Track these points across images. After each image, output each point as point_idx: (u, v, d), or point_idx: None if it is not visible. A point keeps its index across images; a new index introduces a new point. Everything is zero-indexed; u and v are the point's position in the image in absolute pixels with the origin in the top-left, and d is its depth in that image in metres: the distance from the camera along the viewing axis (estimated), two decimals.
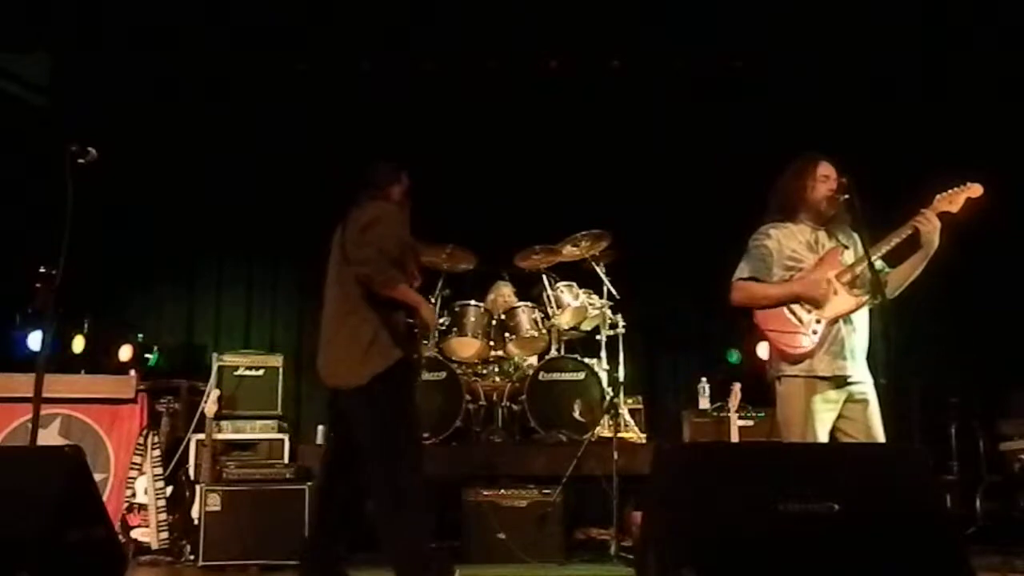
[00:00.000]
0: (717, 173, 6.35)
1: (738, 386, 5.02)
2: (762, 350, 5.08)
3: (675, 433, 5.88)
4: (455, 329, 5.67)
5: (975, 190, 3.29)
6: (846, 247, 3.43)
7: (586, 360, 5.67)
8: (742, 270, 3.45)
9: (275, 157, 6.58)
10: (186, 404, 5.50)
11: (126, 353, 5.77)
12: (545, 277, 5.92)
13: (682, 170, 6.61)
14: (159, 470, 5.01)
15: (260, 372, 5.70)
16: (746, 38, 6.36)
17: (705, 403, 5.81)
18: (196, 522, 4.72)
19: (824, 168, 3.43)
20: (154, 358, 6.02)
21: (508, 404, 5.67)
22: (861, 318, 3.36)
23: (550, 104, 6.72)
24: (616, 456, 4.80)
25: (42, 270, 5.02)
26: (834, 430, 3.29)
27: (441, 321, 5.63)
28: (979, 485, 5.39)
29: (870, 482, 2.48)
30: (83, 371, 5.47)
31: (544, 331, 5.77)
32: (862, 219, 3.28)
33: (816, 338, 3.26)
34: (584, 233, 5.81)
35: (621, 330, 5.88)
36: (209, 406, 5.04)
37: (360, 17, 6.19)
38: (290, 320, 6.84)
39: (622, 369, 5.78)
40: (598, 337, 5.93)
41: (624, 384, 5.74)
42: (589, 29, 6.32)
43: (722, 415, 5.23)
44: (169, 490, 5.01)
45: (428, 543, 3.63)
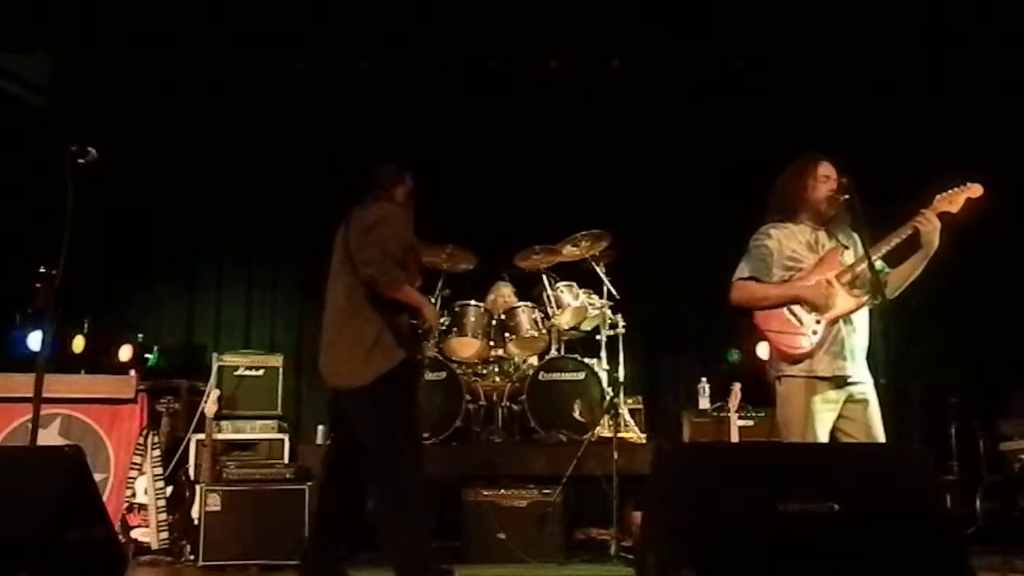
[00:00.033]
0: (717, 173, 6.35)
1: (738, 386, 5.02)
2: (762, 350, 5.09)
3: (675, 433, 5.88)
4: (455, 329, 5.67)
5: (975, 190, 3.29)
6: (846, 247, 3.43)
7: (586, 360, 5.67)
8: (742, 270, 3.45)
9: (275, 157, 6.58)
10: (186, 404, 5.50)
11: (126, 353, 5.77)
12: (545, 277, 5.92)
13: (682, 170, 6.61)
14: (159, 470, 5.02)
15: (260, 372, 5.70)
16: (746, 38, 6.36)
17: (705, 403, 5.81)
18: (196, 522, 4.72)
19: (824, 168, 3.43)
20: (154, 358, 6.02)
21: (508, 404, 5.67)
22: (861, 318, 3.36)
23: (550, 104, 6.72)
24: (616, 456, 4.80)
25: (42, 270, 5.01)
26: (834, 430, 3.29)
27: (441, 321, 5.62)
28: (979, 485, 5.39)
29: (870, 482, 2.49)
30: (83, 371, 5.47)
31: (544, 331, 5.77)
32: (862, 219, 3.28)
33: (816, 338, 3.27)
34: (584, 233, 5.81)
35: (621, 330, 5.88)
36: (209, 406, 5.04)
37: (360, 17, 6.19)
38: (290, 320, 6.84)
39: (622, 369, 5.77)
40: (598, 337, 5.93)
41: (624, 384, 5.74)
42: (589, 29, 6.32)
43: (722, 415, 5.22)
44: (169, 490, 5.01)
45: (429, 543, 3.63)
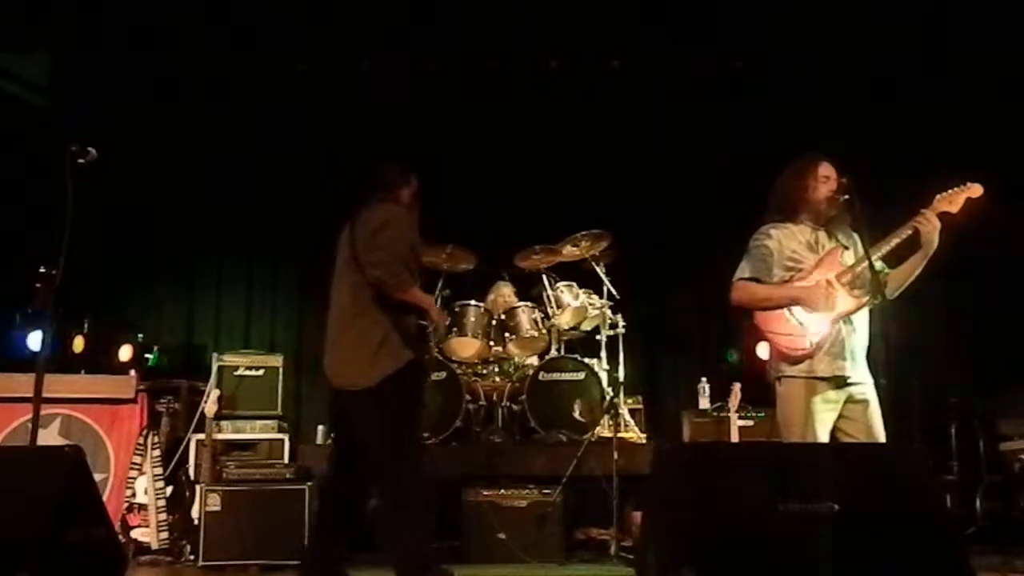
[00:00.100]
0: (717, 173, 6.35)
1: (738, 386, 5.02)
2: (762, 350, 5.08)
3: (675, 433, 5.88)
4: (455, 329, 5.67)
5: (975, 190, 3.29)
6: (846, 247, 3.43)
7: (586, 360, 5.67)
8: (743, 270, 3.45)
9: (275, 157, 6.58)
10: (186, 404, 5.50)
11: (126, 353, 5.77)
12: (545, 277, 5.92)
13: (682, 170, 6.61)
14: (159, 470, 5.01)
15: (260, 372, 5.70)
16: (746, 38, 6.36)
17: (705, 403, 5.81)
18: (196, 522, 4.72)
19: (824, 168, 3.43)
20: (154, 358, 6.02)
21: (508, 404, 5.67)
22: (861, 318, 3.36)
23: (550, 104, 6.72)
24: (616, 456, 4.80)
25: (42, 270, 5.02)
26: (834, 430, 3.29)
27: None
28: (979, 485, 5.39)
29: (870, 482, 2.49)
30: (83, 371, 5.47)
31: (544, 331, 5.77)
32: (862, 219, 3.28)
33: (817, 339, 3.26)
34: (584, 233, 5.81)
35: (621, 330, 5.88)
36: (209, 406, 5.04)
37: (360, 17, 6.19)
38: (290, 320, 6.84)
39: (622, 369, 5.77)
40: (598, 337, 5.93)
41: (624, 384, 5.74)
42: (589, 29, 6.32)
43: (722, 415, 5.22)
44: (169, 490, 5.01)
45: (429, 543, 3.63)
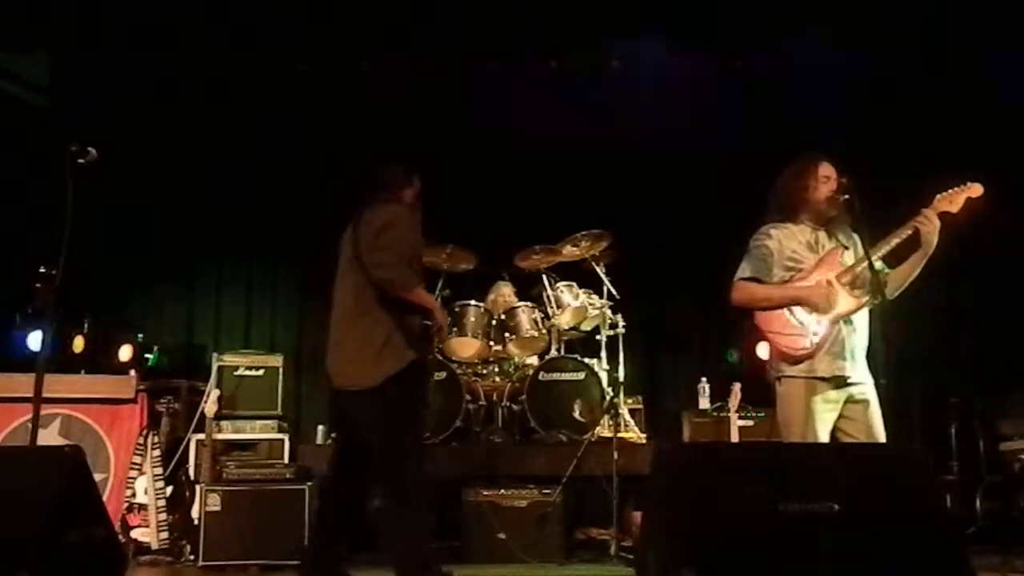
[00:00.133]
0: (717, 173, 6.35)
1: (738, 386, 5.02)
2: (762, 350, 5.08)
3: (675, 433, 5.88)
4: (455, 329, 5.66)
5: (975, 190, 3.29)
6: (846, 247, 3.43)
7: (586, 360, 5.67)
8: (743, 270, 3.45)
9: (275, 157, 6.58)
10: (186, 404, 5.50)
11: (126, 353, 5.77)
12: (545, 277, 5.92)
13: (682, 170, 6.61)
14: (159, 470, 5.02)
15: (260, 372, 5.70)
16: (746, 38, 6.35)
17: (705, 403, 5.81)
18: (196, 522, 4.72)
19: (825, 169, 3.43)
20: (154, 358, 6.02)
21: (508, 404, 5.67)
22: (861, 319, 3.36)
23: (550, 104, 6.70)
24: (616, 456, 4.80)
25: (42, 270, 5.02)
26: (835, 430, 3.29)
27: None
28: (979, 485, 5.39)
29: (870, 482, 2.49)
30: (83, 371, 5.47)
31: (544, 331, 5.77)
32: (862, 219, 3.28)
33: (817, 339, 3.26)
34: (584, 233, 5.81)
35: (621, 330, 5.88)
36: (209, 406, 5.04)
37: (360, 17, 6.19)
38: (290, 320, 6.85)
39: (622, 369, 5.77)
40: (598, 337, 5.93)
41: (624, 384, 5.74)
42: (589, 29, 6.31)
43: (722, 415, 5.22)
44: (169, 490, 5.01)
45: (430, 543, 3.63)
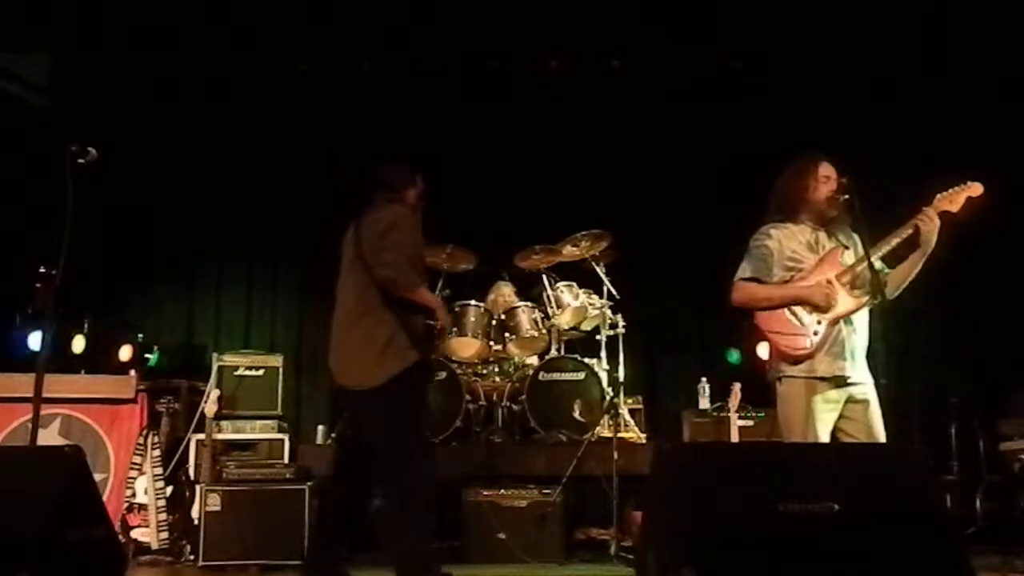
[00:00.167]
0: (717, 173, 6.35)
1: (738, 386, 5.02)
2: (762, 350, 5.08)
3: (675, 433, 5.87)
4: (455, 329, 5.66)
5: (975, 189, 3.29)
6: (846, 247, 3.43)
7: (586, 360, 5.67)
8: (743, 270, 3.45)
9: (275, 157, 6.58)
10: (186, 404, 5.50)
11: (126, 353, 5.77)
12: (545, 277, 5.92)
13: (682, 170, 6.61)
14: (159, 470, 5.02)
15: (260, 372, 5.70)
16: (746, 38, 6.36)
17: (705, 403, 5.81)
18: (196, 522, 4.72)
19: (825, 169, 3.43)
20: (154, 358, 6.02)
21: (508, 404, 5.67)
22: (861, 318, 3.36)
23: (550, 104, 6.72)
24: (616, 456, 4.80)
25: (42, 270, 5.01)
26: (835, 430, 3.29)
27: None
28: (979, 485, 5.39)
29: (870, 482, 2.48)
30: (83, 371, 5.47)
31: (544, 331, 5.77)
32: (862, 219, 3.28)
33: (817, 339, 3.26)
34: (584, 233, 5.81)
35: (621, 330, 5.88)
36: (209, 406, 5.04)
37: (360, 17, 6.19)
38: (290, 320, 6.84)
39: (622, 369, 5.77)
40: (598, 337, 5.93)
41: (624, 384, 5.74)
42: (589, 29, 6.32)
43: (722, 415, 5.22)
44: (169, 490, 5.01)
45: (430, 543, 3.63)
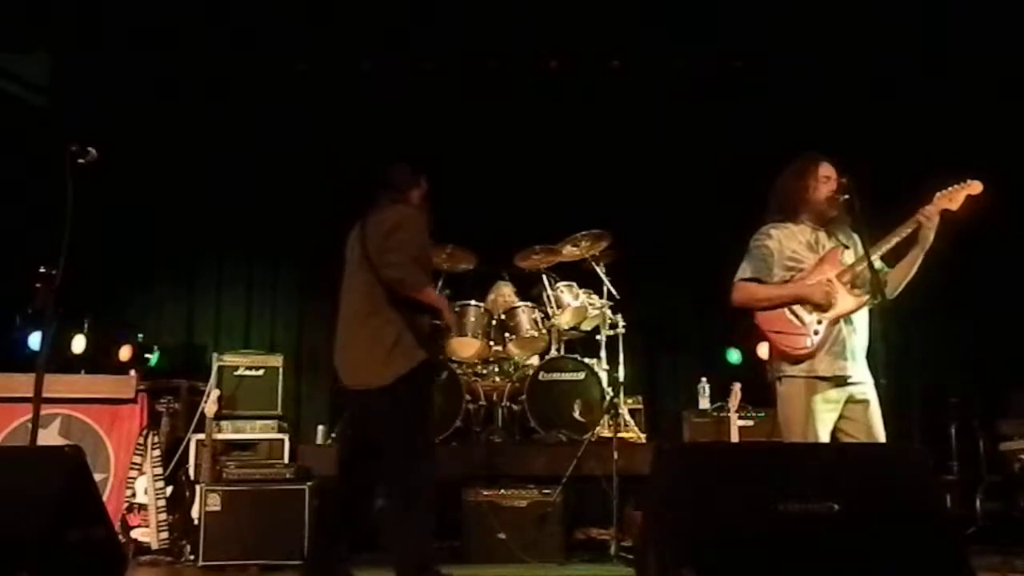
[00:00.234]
0: (717, 173, 6.35)
1: (738, 386, 5.02)
2: (762, 350, 5.08)
3: (675, 433, 5.88)
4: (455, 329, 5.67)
5: (975, 187, 3.29)
6: (846, 247, 3.43)
7: (586, 360, 5.67)
8: (744, 270, 3.45)
9: (275, 157, 6.58)
10: (186, 404, 5.50)
11: (126, 353, 5.77)
12: (545, 277, 5.92)
13: (682, 170, 6.61)
14: (159, 470, 5.02)
15: (260, 372, 5.70)
16: (746, 38, 6.36)
17: (705, 403, 5.81)
18: (196, 522, 4.72)
19: (825, 169, 3.43)
20: (154, 358, 6.02)
21: (508, 404, 5.67)
22: (861, 318, 3.36)
23: (550, 104, 6.72)
24: (616, 456, 4.80)
25: (42, 270, 5.00)
26: (835, 430, 3.29)
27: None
28: (979, 485, 5.39)
29: (870, 482, 2.48)
30: (83, 371, 5.47)
31: (544, 331, 5.77)
32: (862, 219, 3.28)
33: (818, 339, 3.26)
34: (584, 233, 5.81)
35: (621, 330, 5.88)
36: (209, 406, 5.04)
37: (360, 17, 6.19)
38: (290, 320, 6.84)
39: (622, 369, 5.77)
40: (598, 337, 5.93)
41: (624, 384, 5.74)
42: (589, 29, 6.32)
43: (722, 415, 5.22)
44: (169, 490, 5.01)
45: (431, 543, 3.63)
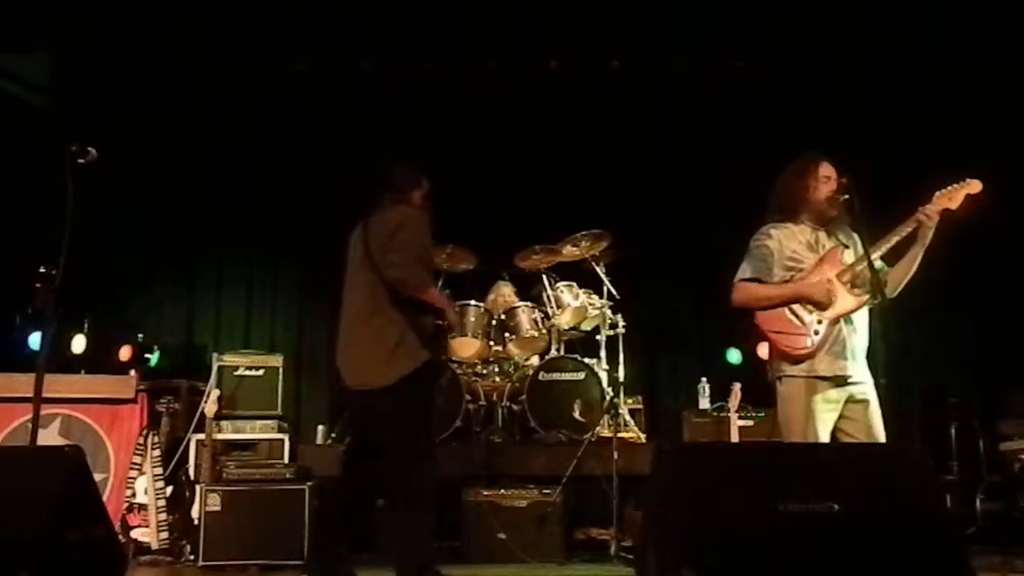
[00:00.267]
0: (717, 173, 6.35)
1: (738, 386, 5.02)
2: (762, 350, 5.08)
3: (675, 433, 5.88)
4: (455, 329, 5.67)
5: (974, 186, 3.29)
6: (846, 247, 3.43)
7: (586, 360, 5.67)
8: (744, 271, 3.45)
9: (275, 157, 6.59)
10: (186, 404, 5.50)
11: (126, 353, 5.77)
12: (545, 277, 5.92)
13: (682, 170, 6.61)
14: (159, 470, 5.02)
15: (260, 372, 5.70)
16: (746, 38, 6.36)
17: (705, 403, 5.81)
18: (196, 522, 4.72)
19: (825, 169, 3.43)
20: (154, 358, 6.02)
21: (508, 404, 5.67)
22: (861, 318, 3.36)
23: (550, 104, 6.72)
24: (616, 456, 4.80)
25: (42, 270, 5.00)
26: (835, 430, 3.29)
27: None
28: (979, 485, 5.39)
29: (870, 482, 2.48)
30: (83, 371, 5.47)
31: (544, 331, 5.77)
32: (862, 219, 3.28)
33: (818, 339, 3.26)
34: (584, 233, 5.81)
35: (621, 330, 5.88)
36: (209, 406, 5.04)
37: (360, 17, 6.20)
38: (290, 320, 6.84)
39: (622, 369, 5.77)
40: (598, 337, 5.93)
41: (624, 384, 5.74)
42: (589, 29, 6.32)
43: (722, 415, 5.22)
44: (169, 490, 5.01)
45: (431, 543, 3.63)
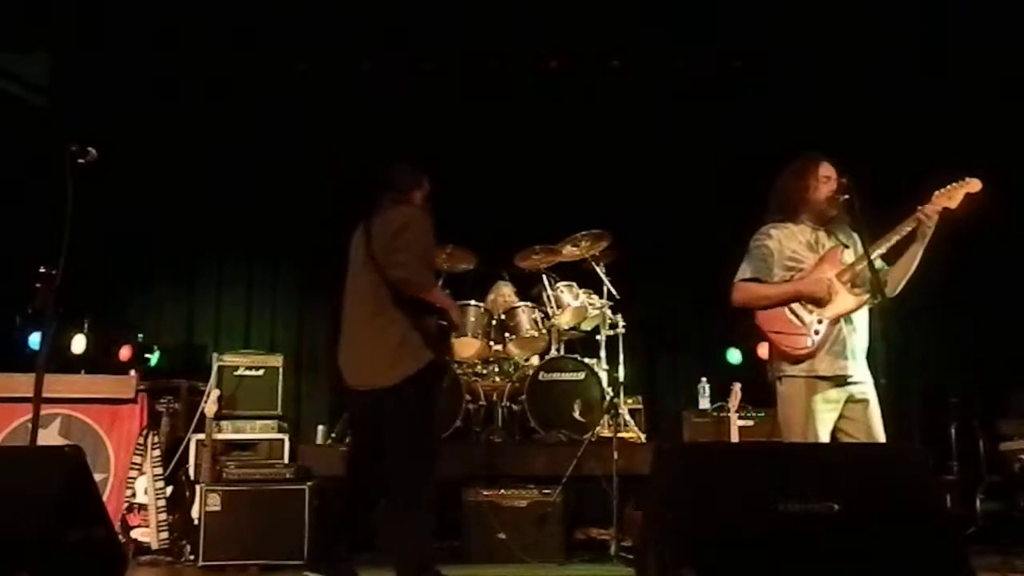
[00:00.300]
0: (717, 173, 6.35)
1: (738, 386, 5.02)
2: (762, 350, 5.08)
3: (675, 433, 5.88)
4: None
5: (973, 185, 3.30)
6: (846, 246, 3.43)
7: (586, 360, 5.67)
8: (744, 271, 3.45)
9: (275, 157, 6.58)
10: (186, 404, 5.50)
11: (126, 353, 5.77)
12: (545, 277, 5.92)
13: (682, 170, 6.61)
14: (159, 470, 5.01)
15: (260, 372, 5.69)
16: (746, 38, 6.37)
17: (705, 403, 5.82)
18: (196, 522, 4.72)
19: (825, 169, 3.43)
20: (154, 358, 6.02)
21: (508, 404, 5.67)
22: (861, 318, 3.36)
23: (550, 104, 6.72)
24: (616, 456, 4.80)
25: (42, 270, 5.00)
26: (835, 430, 3.29)
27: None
28: (979, 485, 5.39)
29: (870, 482, 2.48)
30: (83, 371, 5.46)
31: (544, 331, 5.77)
32: (862, 219, 3.28)
33: (818, 338, 3.26)
34: (584, 233, 5.81)
35: (621, 330, 5.88)
36: (209, 406, 5.04)
37: (360, 17, 6.20)
38: (290, 320, 6.84)
39: (622, 369, 5.77)
40: (598, 337, 5.93)
41: (624, 384, 5.74)
42: (589, 29, 6.32)
43: (722, 415, 5.22)
44: (169, 490, 5.01)
45: (431, 543, 3.64)
